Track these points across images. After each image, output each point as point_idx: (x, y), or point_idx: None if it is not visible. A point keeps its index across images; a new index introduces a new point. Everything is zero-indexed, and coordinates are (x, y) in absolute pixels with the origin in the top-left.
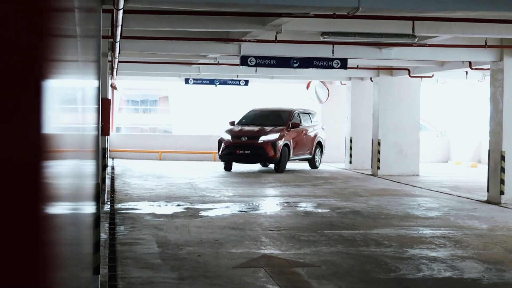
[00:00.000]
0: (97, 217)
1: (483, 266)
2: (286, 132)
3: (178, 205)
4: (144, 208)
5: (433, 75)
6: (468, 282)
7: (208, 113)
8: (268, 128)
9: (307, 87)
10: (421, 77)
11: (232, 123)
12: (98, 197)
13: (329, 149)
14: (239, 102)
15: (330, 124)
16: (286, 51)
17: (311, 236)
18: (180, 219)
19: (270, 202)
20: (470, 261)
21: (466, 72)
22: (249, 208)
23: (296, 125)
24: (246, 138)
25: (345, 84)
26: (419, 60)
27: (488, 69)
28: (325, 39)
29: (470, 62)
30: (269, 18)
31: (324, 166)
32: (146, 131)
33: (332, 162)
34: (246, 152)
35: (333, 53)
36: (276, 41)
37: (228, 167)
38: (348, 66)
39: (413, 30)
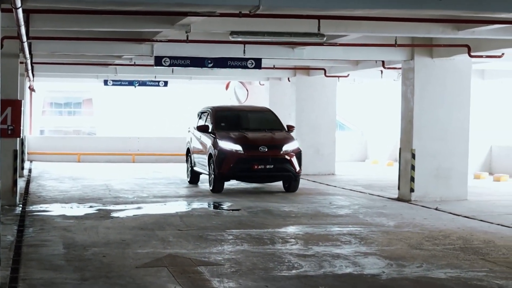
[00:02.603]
0: None
1: (384, 262)
2: None
3: (90, 207)
4: (55, 210)
5: (348, 75)
6: (367, 277)
7: (133, 114)
8: (281, 134)
9: (226, 87)
10: (337, 76)
11: (203, 128)
12: None
13: None
14: (162, 103)
15: None
16: (200, 51)
17: (219, 235)
18: (90, 221)
19: (183, 203)
20: (372, 257)
21: (381, 72)
22: (161, 209)
23: (292, 129)
24: (266, 149)
25: (263, 85)
26: (332, 60)
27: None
28: (235, 39)
29: (383, 62)
30: (177, 17)
31: None
32: (70, 134)
33: None
34: (267, 167)
35: (244, 52)
36: (187, 41)
37: (220, 188)
38: (263, 66)
39: (319, 29)
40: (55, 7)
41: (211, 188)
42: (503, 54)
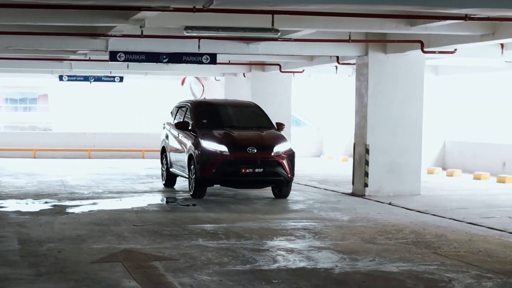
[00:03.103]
0: None
1: (337, 256)
2: None
3: (46, 203)
4: (10, 206)
5: (303, 70)
6: (321, 271)
7: (89, 110)
8: (271, 133)
9: (182, 83)
10: (292, 72)
11: (183, 125)
12: None
13: None
14: (118, 99)
15: None
16: (154, 46)
17: (174, 230)
18: (45, 216)
19: (138, 198)
20: (326, 251)
21: (336, 67)
22: (116, 204)
23: (282, 127)
24: (255, 150)
25: (219, 80)
26: (287, 55)
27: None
28: (189, 34)
29: (337, 57)
30: (131, 12)
31: None
32: (25, 130)
33: None
34: (256, 170)
35: (199, 48)
36: (142, 36)
37: (202, 193)
38: (219, 61)
39: (272, 24)
40: (7, 1)
41: (191, 193)
42: (455, 50)
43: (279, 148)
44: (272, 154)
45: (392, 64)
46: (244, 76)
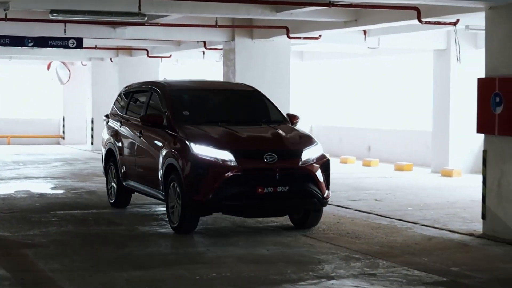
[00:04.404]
0: None
1: (209, 241)
2: None
3: None
4: None
5: (171, 55)
6: (193, 255)
7: None
8: (291, 130)
9: (48, 67)
10: (160, 57)
11: (154, 120)
12: None
13: (72, 130)
14: None
15: (72, 105)
16: (19, 30)
17: (43, 217)
18: None
19: (5, 185)
20: (197, 236)
21: (203, 52)
22: None
23: (296, 120)
24: (275, 158)
25: (85, 65)
26: (154, 40)
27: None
28: (55, 17)
29: (204, 42)
30: None
31: (66, 148)
32: None
33: (75, 144)
34: (279, 190)
35: (65, 32)
36: (6, 19)
37: (191, 226)
38: (85, 46)
39: (139, 8)
40: None
41: (174, 225)
42: (320, 36)
43: (309, 154)
44: (300, 163)
45: (258, 49)
46: (111, 61)
